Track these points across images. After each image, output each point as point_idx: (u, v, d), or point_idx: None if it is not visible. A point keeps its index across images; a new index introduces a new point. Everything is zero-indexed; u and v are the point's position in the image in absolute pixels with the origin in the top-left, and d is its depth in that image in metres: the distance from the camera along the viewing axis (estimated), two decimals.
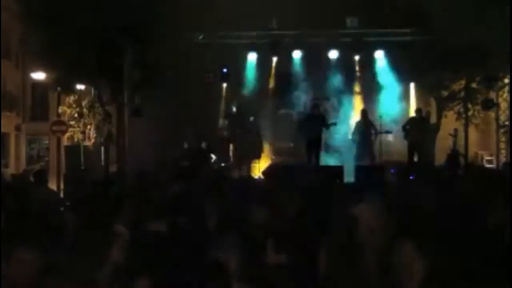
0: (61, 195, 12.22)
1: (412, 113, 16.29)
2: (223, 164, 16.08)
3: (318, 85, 18.35)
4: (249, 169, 15.56)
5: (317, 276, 3.90)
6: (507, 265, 3.73)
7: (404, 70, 17.21)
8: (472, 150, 17.62)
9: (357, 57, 18.30)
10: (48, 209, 6.29)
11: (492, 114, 17.22)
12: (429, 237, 3.92)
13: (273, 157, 17.92)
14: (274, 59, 18.38)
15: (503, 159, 16.18)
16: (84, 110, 17.10)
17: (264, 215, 5.04)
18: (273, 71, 18.67)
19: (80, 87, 16.54)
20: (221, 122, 18.43)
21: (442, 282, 3.35)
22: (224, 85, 18.65)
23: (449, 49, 14.80)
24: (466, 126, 16.91)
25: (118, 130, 15.62)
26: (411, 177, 13.12)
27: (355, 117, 17.29)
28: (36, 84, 24.29)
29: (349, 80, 18.48)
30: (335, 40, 17.62)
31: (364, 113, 16.07)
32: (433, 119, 17.05)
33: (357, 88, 18.62)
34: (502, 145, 16.93)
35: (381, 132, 16.05)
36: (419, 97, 18.19)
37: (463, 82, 17.11)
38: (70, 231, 4.68)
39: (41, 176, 8.64)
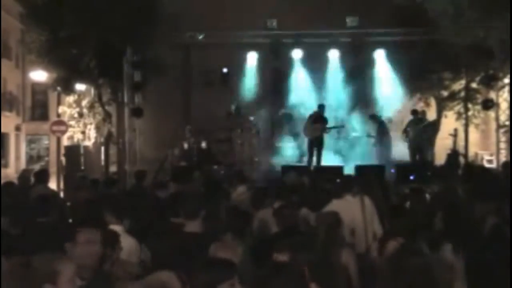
0: (61, 195, 12.21)
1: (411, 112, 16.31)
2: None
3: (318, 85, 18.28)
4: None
5: None
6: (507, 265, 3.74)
7: (404, 70, 17.17)
8: (472, 150, 17.62)
9: (357, 57, 18.30)
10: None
11: (492, 114, 17.20)
12: None
13: None
14: (274, 59, 18.35)
15: (503, 159, 16.13)
16: (84, 110, 17.07)
17: None
18: (273, 71, 18.64)
19: (80, 87, 16.51)
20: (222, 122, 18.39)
21: None
22: (224, 85, 18.62)
23: (449, 49, 14.78)
24: (466, 126, 16.90)
25: (118, 130, 15.62)
26: (411, 177, 13.17)
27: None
28: (36, 84, 24.29)
29: (349, 79, 18.45)
30: (335, 40, 17.59)
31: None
32: (432, 118, 17.05)
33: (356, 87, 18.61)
34: (502, 145, 16.89)
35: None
36: (419, 97, 18.16)
37: (463, 82, 17.09)
38: None
39: (42, 176, 8.64)
